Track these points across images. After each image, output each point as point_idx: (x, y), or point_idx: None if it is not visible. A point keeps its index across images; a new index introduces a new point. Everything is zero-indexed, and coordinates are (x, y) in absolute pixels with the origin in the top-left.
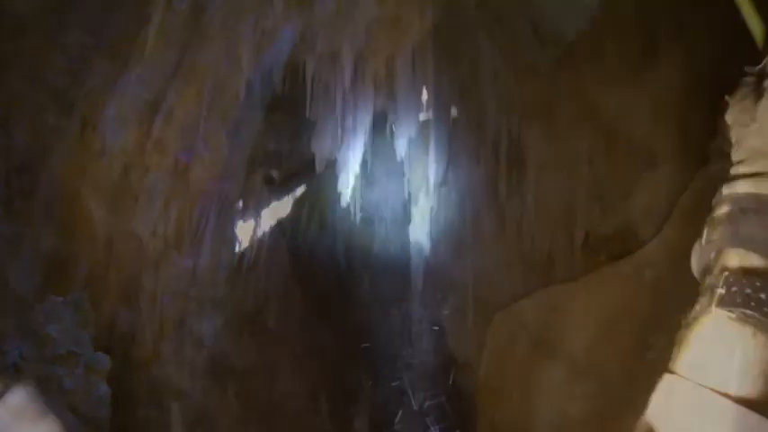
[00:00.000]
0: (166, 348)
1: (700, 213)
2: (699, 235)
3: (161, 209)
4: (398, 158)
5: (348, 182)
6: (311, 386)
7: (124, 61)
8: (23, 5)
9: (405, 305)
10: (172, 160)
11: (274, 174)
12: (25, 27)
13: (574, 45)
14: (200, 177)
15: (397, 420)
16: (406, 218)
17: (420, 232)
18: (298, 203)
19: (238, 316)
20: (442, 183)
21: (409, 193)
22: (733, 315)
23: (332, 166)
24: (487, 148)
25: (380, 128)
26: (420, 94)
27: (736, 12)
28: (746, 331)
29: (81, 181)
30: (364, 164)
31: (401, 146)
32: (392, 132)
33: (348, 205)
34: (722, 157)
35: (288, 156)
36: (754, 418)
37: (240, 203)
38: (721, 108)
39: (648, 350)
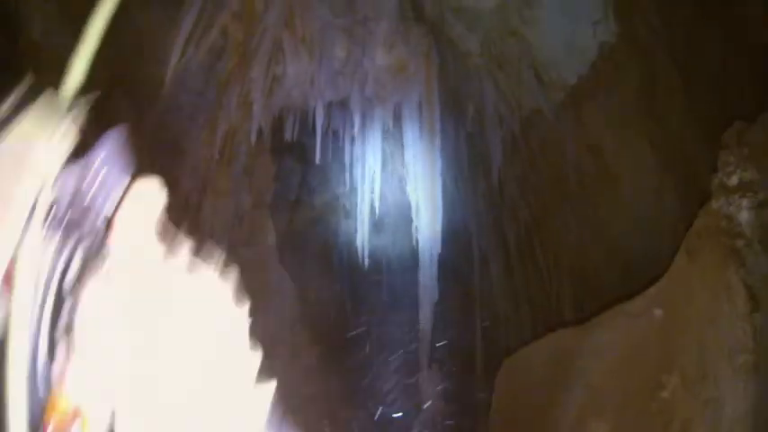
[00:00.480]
0: None
1: (705, 250)
2: (704, 272)
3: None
4: (406, 204)
5: (356, 227)
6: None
7: (143, 103)
8: None
9: (413, 347)
10: (183, 201)
11: (283, 218)
12: None
13: (575, 89)
14: (209, 218)
15: None
16: (414, 263)
17: (428, 277)
18: (307, 249)
19: None
20: (450, 229)
21: (417, 240)
22: None
23: (340, 212)
24: (494, 192)
25: (389, 174)
26: (428, 139)
27: (731, 53)
28: None
29: None
30: (372, 210)
31: (410, 191)
32: (400, 178)
33: (356, 250)
34: (725, 192)
35: (297, 201)
36: None
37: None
38: (722, 145)
39: (661, 390)
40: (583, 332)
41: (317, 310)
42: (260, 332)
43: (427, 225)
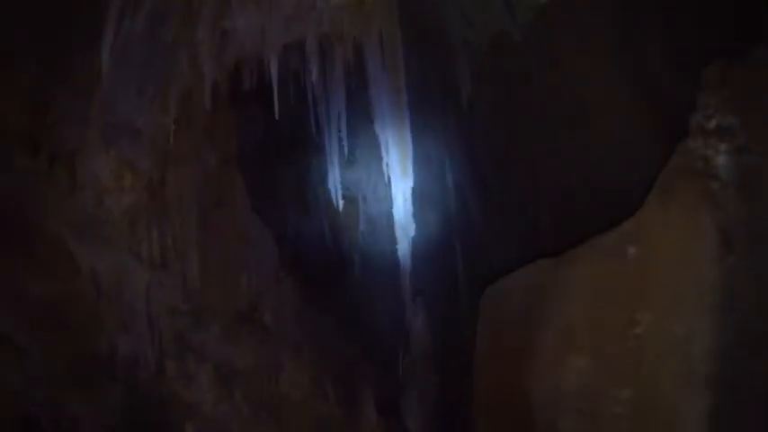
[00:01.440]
0: (170, 367)
1: (679, 190)
2: (678, 212)
3: (142, 231)
4: (377, 140)
5: (327, 167)
6: (315, 374)
7: (84, 88)
8: None
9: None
10: (146, 180)
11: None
12: None
13: (545, 10)
14: (176, 192)
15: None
16: (387, 199)
17: (403, 212)
18: (280, 192)
19: (234, 319)
20: (422, 161)
21: (389, 176)
22: None
23: (310, 154)
24: (466, 121)
25: (355, 112)
26: (392, 74)
27: None
28: None
29: (58, 219)
30: (342, 149)
31: (377, 127)
32: (368, 115)
33: (330, 188)
34: (703, 134)
35: (263, 149)
36: None
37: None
38: (702, 84)
39: (635, 326)
40: (557, 265)
41: (297, 253)
42: (245, 288)
43: (398, 161)
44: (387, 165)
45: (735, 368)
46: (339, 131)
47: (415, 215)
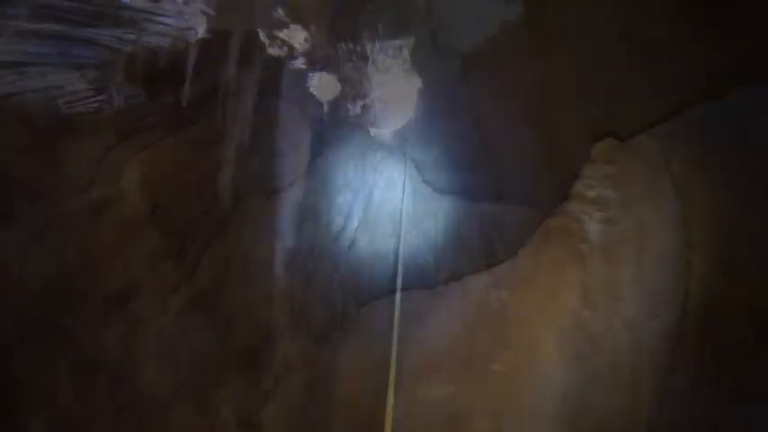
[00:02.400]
0: (31, 351)
1: (553, 246)
2: (549, 265)
3: None
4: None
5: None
6: (180, 376)
7: None
8: None
9: None
10: None
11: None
12: None
13: (470, 58)
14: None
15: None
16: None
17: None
18: None
19: (103, 306)
20: None
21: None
22: None
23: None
24: None
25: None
26: None
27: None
28: None
29: None
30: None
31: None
32: None
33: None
34: (581, 200)
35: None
36: None
37: None
38: (590, 158)
39: (494, 363)
40: (432, 295)
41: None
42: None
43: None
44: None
45: (579, 405)
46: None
47: (295, 225)
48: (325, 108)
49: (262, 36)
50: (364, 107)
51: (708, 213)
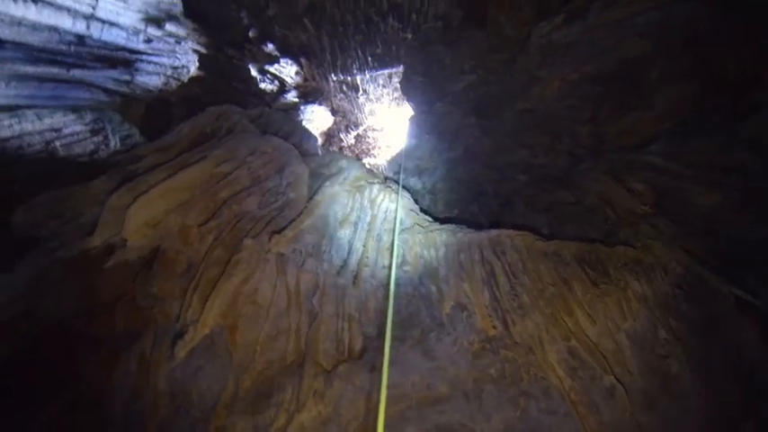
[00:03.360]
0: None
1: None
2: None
3: None
4: None
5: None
6: (190, 418)
7: None
8: None
9: None
10: None
11: None
12: None
13: None
14: None
15: None
16: None
17: None
18: None
19: (111, 348)
20: None
21: None
22: None
23: None
24: None
25: None
26: None
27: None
28: None
29: None
30: None
31: None
32: None
33: None
34: None
35: None
36: None
37: None
38: None
39: (502, 392)
40: (438, 324)
41: None
42: None
43: None
44: None
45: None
46: None
47: (297, 263)
48: (319, 141)
49: (253, 71)
50: (358, 137)
51: None
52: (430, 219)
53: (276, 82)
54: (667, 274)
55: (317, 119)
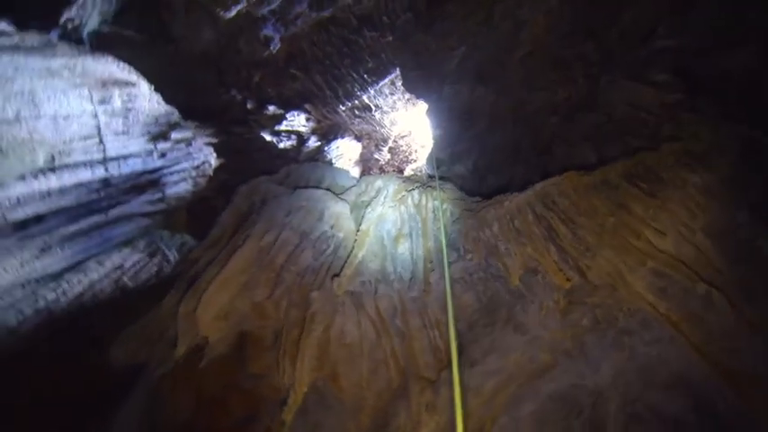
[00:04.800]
0: None
1: None
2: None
3: None
4: None
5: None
6: None
7: None
8: None
9: None
10: None
11: None
12: None
13: None
14: None
15: None
16: None
17: None
18: None
19: None
20: None
21: None
22: None
23: None
24: None
25: None
26: None
27: None
28: None
29: None
30: None
31: None
32: None
33: None
34: None
35: None
36: None
37: None
38: None
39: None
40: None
41: None
42: None
43: None
44: None
45: None
46: None
47: (371, 293)
48: (357, 169)
49: (267, 136)
50: (391, 150)
51: None
52: (478, 198)
53: (293, 136)
54: (723, 154)
55: (345, 151)
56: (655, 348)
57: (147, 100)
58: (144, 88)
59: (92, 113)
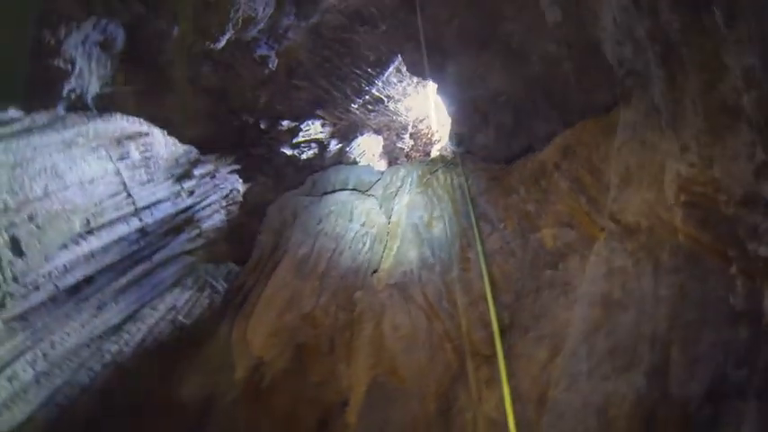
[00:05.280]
0: None
1: None
2: None
3: None
4: None
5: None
6: None
7: None
8: None
9: None
10: None
11: None
12: None
13: None
14: None
15: None
16: None
17: None
18: None
19: None
20: None
21: None
22: None
23: None
24: None
25: None
26: None
27: None
28: None
29: None
30: None
31: None
32: None
33: None
34: None
35: None
36: None
37: None
38: None
39: None
40: None
41: None
42: None
43: None
44: None
45: None
46: None
47: (418, 282)
48: (383, 162)
49: (288, 151)
50: (413, 136)
51: None
52: (503, 165)
53: (313, 144)
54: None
55: (367, 147)
56: (708, 283)
57: (164, 145)
58: (158, 135)
59: (114, 171)
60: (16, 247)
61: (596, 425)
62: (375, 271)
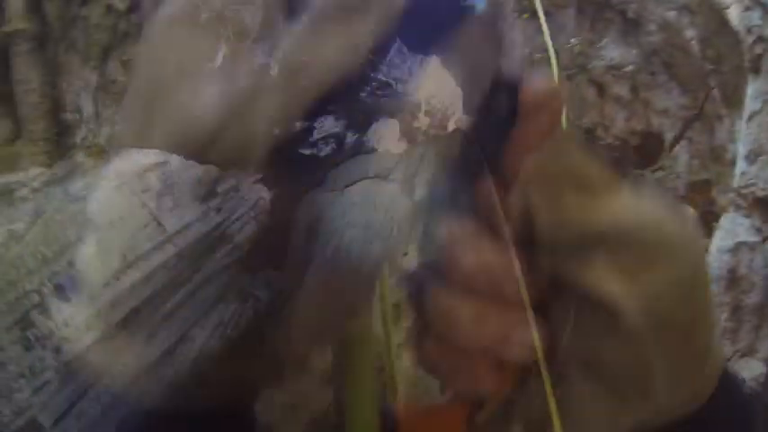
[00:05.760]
0: None
1: None
2: None
3: None
4: None
5: None
6: None
7: None
8: None
9: None
10: None
11: None
12: None
13: None
14: None
15: None
16: None
17: None
18: None
19: None
20: None
21: None
22: None
23: None
24: None
25: None
26: None
27: None
28: None
29: None
30: None
31: None
32: None
33: None
34: None
35: None
36: None
37: None
38: None
39: None
40: None
41: None
42: None
43: None
44: None
45: None
46: None
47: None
48: (402, 144)
49: (306, 151)
50: (427, 113)
51: None
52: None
53: (330, 139)
54: None
55: (384, 133)
56: None
57: (183, 168)
58: (175, 160)
59: (140, 204)
60: (62, 293)
61: None
62: (405, 254)
